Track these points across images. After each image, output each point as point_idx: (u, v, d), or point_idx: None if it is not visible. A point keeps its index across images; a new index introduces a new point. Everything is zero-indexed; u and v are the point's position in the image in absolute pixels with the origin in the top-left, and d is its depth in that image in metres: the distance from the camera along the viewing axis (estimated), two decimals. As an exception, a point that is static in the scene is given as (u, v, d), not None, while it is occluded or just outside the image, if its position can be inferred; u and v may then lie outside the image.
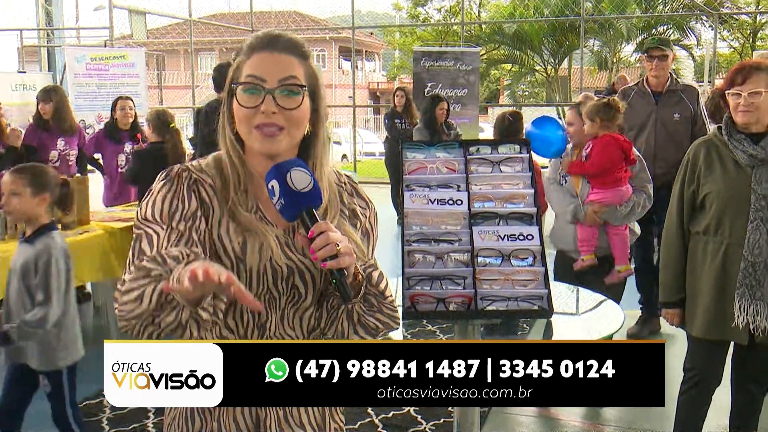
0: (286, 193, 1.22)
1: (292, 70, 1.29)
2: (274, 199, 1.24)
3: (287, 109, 1.27)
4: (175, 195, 1.29)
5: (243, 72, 1.30)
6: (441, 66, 10.12)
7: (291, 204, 1.22)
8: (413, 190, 2.37)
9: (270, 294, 1.31)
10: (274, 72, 1.28)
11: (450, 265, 2.25)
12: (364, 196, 1.46)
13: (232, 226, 1.30)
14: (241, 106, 1.28)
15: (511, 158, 2.43)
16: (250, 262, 1.28)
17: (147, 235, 1.25)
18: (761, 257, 2.50)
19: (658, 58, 4.40)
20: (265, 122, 1.26)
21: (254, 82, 1.28)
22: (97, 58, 7.93)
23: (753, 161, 2.51)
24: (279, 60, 1.29)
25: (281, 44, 1.31)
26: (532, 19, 17.98)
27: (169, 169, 1.34)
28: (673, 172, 4.23)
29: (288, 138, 1.29)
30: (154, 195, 1.30)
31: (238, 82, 1.29)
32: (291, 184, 1.22)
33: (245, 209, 1.32)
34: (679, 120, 4.40)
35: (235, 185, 1.32)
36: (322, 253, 1.18)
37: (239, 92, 1.28)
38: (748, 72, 2.49)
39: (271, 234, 1.31)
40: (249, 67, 1.29)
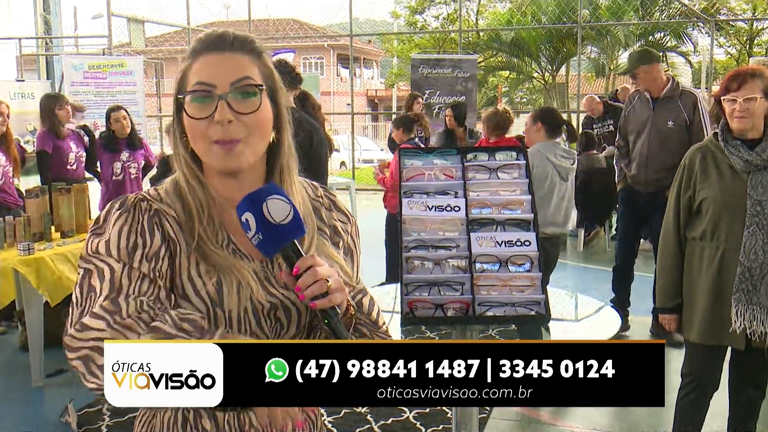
0: (263, 227, 1.07)
1: (244, 71, 1.13)
2: (249, 233, 1.08)
3: (245, 114, 1.11)
4: (133, 229, 1.13)
5: (189, 80, 1.14)
6: (439, 73, 10.16)
7: (270, 239, 1.07)
8: (411, 197, 2.38)
9: (255, 336, 1.19)
10: (223, 75, 1.12)
11: (448, 271, 2.26)
12: (343, 209, 1.32)
13: (203, 266, 1.14)
14: (192, 118, 1.12)
15: (508, 165, 2.44)
16: (228, 306, 1.14)
17: (98, 269, 1.09)
18: (757, 262, 2.51)
19: (637, 78, 4.49)
20: (221, 135, 1.10)
21: (202, 89, 1.11)
22: (94, 66, 7.94)
23: (749, 167, 2.52)
24: (228, 60, 1.13)
25: (228, 43, 1.15)
26: (530, 26, 18.05)
27: (123, 197, 1.17)
28: (666, 177, 4.29)
29: (250, 150, 1.14)
30: (108, 226, 1.13)
31: (185, 91, 1.13)
32: (268, 217, 1.06)
33: (215, 242, 1.16)
34: (672, 127, 4.41)
35: (199, 215, 1.16)
36: (311, 291, 1.06)
37: (188, 103, 1.12)
38: (744, 78, 2.51)
39: (248, 269, 1.16)
40: (195, 73, 1.13)
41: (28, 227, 4.27)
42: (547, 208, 3.84)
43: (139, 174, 5.80)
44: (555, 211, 3.95)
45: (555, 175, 3.97)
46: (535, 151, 3.85)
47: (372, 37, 27.67)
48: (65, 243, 4.31)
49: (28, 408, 3.87)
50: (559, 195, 4.02)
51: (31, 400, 3.95)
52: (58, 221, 4.50)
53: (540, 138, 4.00)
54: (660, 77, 4.48)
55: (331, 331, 1.11)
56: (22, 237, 4.21)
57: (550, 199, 3.90)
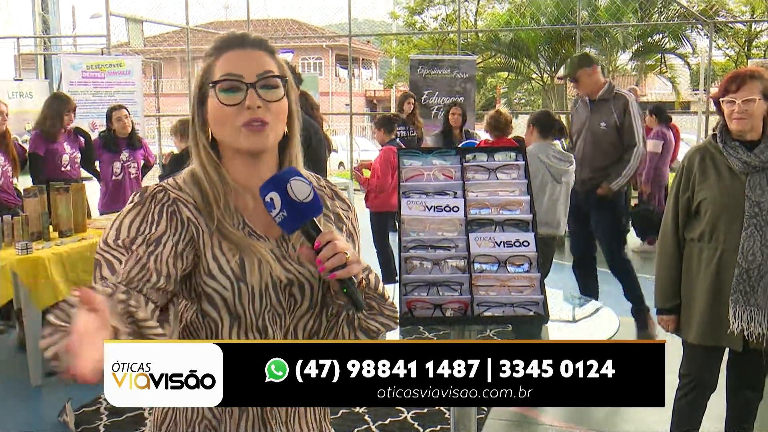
0: (288, 205, 1.17)
1: (266, 65, 1.26)
2: (273, 212, 1.18)
3: (271, 102, 1.24)
4: (144, 218, 1.22)
5: (215, 73, 1.25)
6: (438, 74, 10.15)
7: (294, 216, 1.17)
8: (410, 197, 2.38)
9: (274, 310, 1.29)
10: (249, 68, 1.24)
11: (447, 272, 2.27)
12: (344, 198, 1.43)
13: (225, 245, 1.24)
14: (224, 105, 1.23)
15: (507, 165, 2.44)
16: (251, 282, 1.24)
17: (107, 261, 1.18)
18: (755, 263, 2.52)
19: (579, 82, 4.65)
20: (252, 118, 1.22)
21: (232, 79, 1.23)
22: (93, 65, 7.93)
23: (747, 168, 2.53)
24: (251, 56, 1.26)
25: (249, 41, 1.28)
26: (528, 27, 18.04)
27: (143, 189, 1.27)
28: (597, 177, 4.56)
29: (273, 134, 1.25)
30: (120, 218, 1.22)
31: (214, 81, 1.24)
32: (293, 196, 1.17)
33: (232, 225, 1.26)
34: (605, 128, 4.55)
35: (216, 199, 1.26)
36: (331, 263, 1.15)
37: (218, 92, 1.23)
38: (743, 80, 2.52)
39: (266, 249, 1.26)
40: (221, 67, 1.25)
41: (26, 226, 4.26)
42: (539, 209, 3.89)
43: (139, 174, 5.80)
44: (547, 211, 4.01)
45: (547, 175, 4.02)
46: (527, 152, 3.93)
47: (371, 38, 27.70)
48: (63, 242, 4.30)
49: (25, 407, 3.86)
50: (552, 197, 4.05)
51: (28, 400, 3.95)
52: (56, 221, 4.49)
53: (534, 140, 4.13)
54: (599, 80, 4.63)
55: (350, 300, 1.20)
56: (20, 236, 4.21)
57: (541, 200, 3.95)
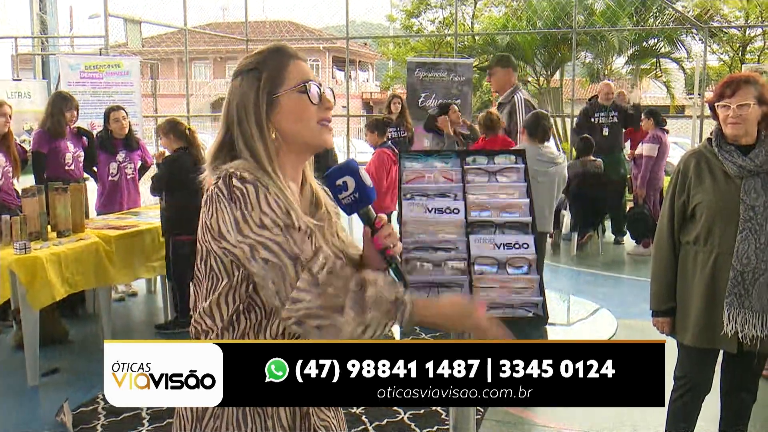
0: (360, 188, 1.36)
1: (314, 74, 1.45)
2: (345, 193, 1.37)
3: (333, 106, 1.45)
4: (267, 196, 1.28)
5: (292, 77, 1.40)
6: (435, 76, 10.17)
7: (362, 198, 1.37)
8: (411, 199, 2.40)
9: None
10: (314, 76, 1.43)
11: (447, 273, 2.28)
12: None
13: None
14: (311, 103, 1.39)
15: (507, 168, 2.46)
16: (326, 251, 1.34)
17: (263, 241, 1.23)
18: (749, 267, 2.54)
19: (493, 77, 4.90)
20: (328, 117, 1.41)
21: (316, 83, 1.41)
22: (91, 66, 7.92)
23: (742, 172, 2.55)
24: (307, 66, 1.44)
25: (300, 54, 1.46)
26: (525, 31, 18.10)
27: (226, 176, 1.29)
28: None
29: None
30: (250, 198, 1.26)
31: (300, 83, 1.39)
32: (365, 180, 1.37)
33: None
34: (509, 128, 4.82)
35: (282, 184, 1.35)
36: (388, 240, 1.35)
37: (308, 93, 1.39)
38: (737, 85, 2.54)
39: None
40: (298, 73, 1.41)
41: (25, 226, 4.27)
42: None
43: (136, 174, 5.80)
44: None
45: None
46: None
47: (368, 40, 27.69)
48: (61, 242, 4.31)
49: (23, 407, 3.86)
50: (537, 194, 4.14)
51: (26, 400, 3.95)
52: (54, 221, 4.49)
53: (524, 141, 4.34)
54: (509, 83, 4.81)
55: (396, 273, 1.37)
56: (18, 236, 4.21)
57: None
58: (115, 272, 4.53)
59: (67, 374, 4.25)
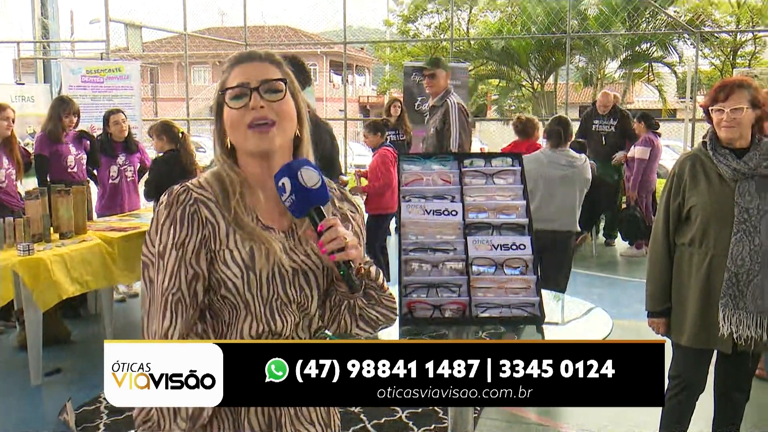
0: (297, 189, 1.29)
1: (270, 74, 1.39)
2: (284, 196, 1.30)
3: (273, 102, 1.35)
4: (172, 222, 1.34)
5: (228, 83, 1.39)
6: (431, 81, 10.22)
7: (302, 200, 1.29)
8: (410, 201, 2.45)
9: (281, 300, 1.35)
10: (254, 75, 1.37)
11: (445, 274, 2.33)
12: (351, 200, 1.53)
13: (239, 235, 1.34)
14: (232, 109, 1.36)
15: (504, 171, 2.51)
16: (258, 268, 1.33)
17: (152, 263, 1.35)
18: (744, 268, 2.57)
19: (427, 77, 4.94)
20: (256, 117, 1.33)
21: (239, 85, 1.36)
22: (92, 70, 7.96)
23: (736, 175, 2.58)
24: (257, 67, 1.39)
25: (257, 56, 1.42)
26: (520, 35, 18.19)
27: (170, 191, 1.38)
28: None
29: (280, 133, 1.36)
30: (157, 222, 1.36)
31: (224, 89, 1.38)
32: (302, 181, 1.29)
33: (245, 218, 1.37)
34: (432, 133, 4.88)
35: (234, 191, 1.37)
36: (331, 245, 1.27)
37: (228, 100, 1.37)
38: (731, 89, 2.57)
39: (274, 239, 1.35)
40: (232, 78, 1.38)
41: (28, 228, 4.30)
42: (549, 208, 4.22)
43: (135, 177, 5.83)
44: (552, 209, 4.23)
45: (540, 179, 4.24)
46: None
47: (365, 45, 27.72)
48: (64, 244, 4.34)
49: (26, 407, 3.88)
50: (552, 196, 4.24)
51: (29, 399, 3.97)
52: (56, 222, 4.52)
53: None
54: (444, 86, 4.91)
55: (346, 282, 1.31)
56: (21, 238, 4.24)
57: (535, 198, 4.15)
58: (117, 273, 4.56)
59: (69, 374, 4.28)
